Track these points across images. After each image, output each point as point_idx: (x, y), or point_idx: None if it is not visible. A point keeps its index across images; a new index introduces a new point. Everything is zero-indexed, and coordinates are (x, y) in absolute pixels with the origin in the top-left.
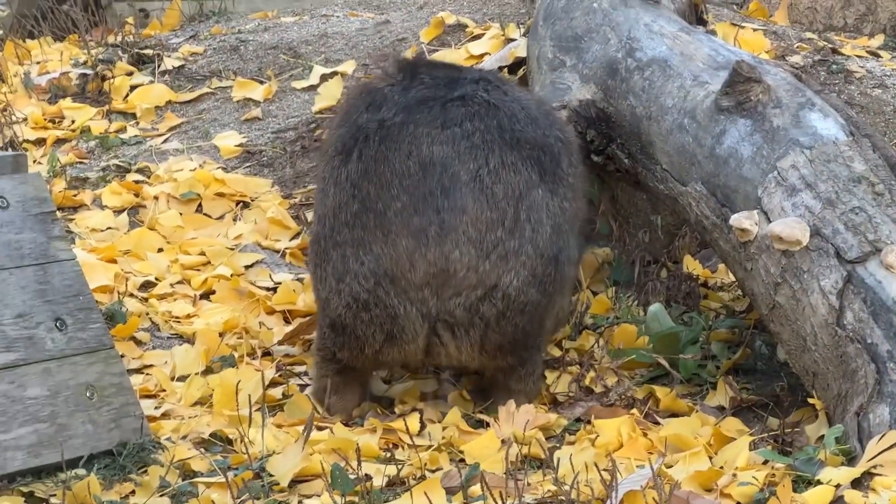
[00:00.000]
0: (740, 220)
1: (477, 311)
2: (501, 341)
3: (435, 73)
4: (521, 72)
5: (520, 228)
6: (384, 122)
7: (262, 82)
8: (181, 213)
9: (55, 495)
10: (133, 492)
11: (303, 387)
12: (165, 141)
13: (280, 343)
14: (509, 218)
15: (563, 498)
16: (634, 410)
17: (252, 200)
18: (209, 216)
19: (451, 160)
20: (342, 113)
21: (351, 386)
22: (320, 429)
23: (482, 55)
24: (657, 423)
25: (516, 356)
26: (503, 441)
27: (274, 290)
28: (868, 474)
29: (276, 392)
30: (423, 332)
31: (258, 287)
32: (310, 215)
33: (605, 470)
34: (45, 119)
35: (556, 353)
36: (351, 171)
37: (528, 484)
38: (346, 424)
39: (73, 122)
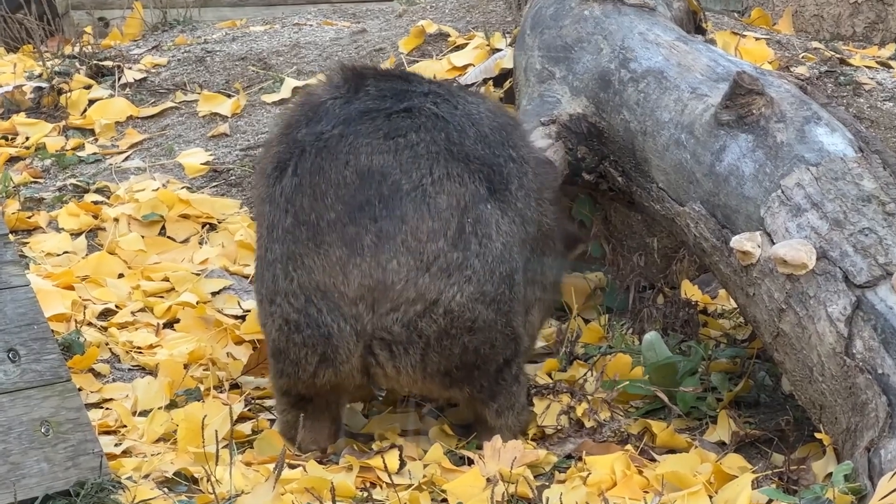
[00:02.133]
0: (742, 242)
1: (415, 327)
2: (447, 364)
3: (382, 84)
4: (507, 84)
5: (464, 241)
6: (322, 135)
7: (229, 96)
8: (143, 236)
9: None
10: None
11: (273, 421)
12: (126, 159)
13: (246, 373)
14: (453, 229)
15: None
16: (629, 446)
17: (219, 222)
18: (173, 239)
19: (391, 169)
20: (282, 127)
21: (321, 420)
22: (292, 466)
23: (465, 66)
24: (653, 460)
25: (477, 387)
26: (488, 479)
27: (242, 318)
28: None
29: (245, 427)
30: (358, 350)
31: (225, 315)
32: None
33: None
34: None
35: (547, 379)
36: (285, 186)
37: None
38: (320, 462)
39: (27, 138)
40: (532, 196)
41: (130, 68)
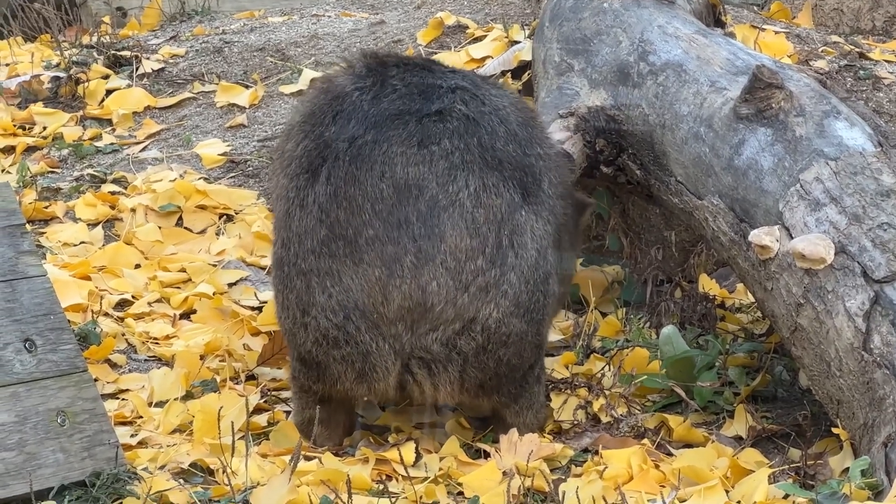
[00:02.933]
0: (760, 236)
1: (454, 345)
2: (482, 377)
3: (408, 77)
4: (525, 76)
5: (502, 256)
6: (355, 140)
7: (247, 87)
8: (160, 227)
9: None
10: None
11: (289, 413)
12: (144, 149)
13: (262, 364)
14: (490, 245)
15: None
16: (646, 440)
17: (236, 213)
18: (190, 230)
19: (427, 182)
20: (305, 118)
21: (337, 416)
22: (308, 459)
23: (484, 58)
24: (670, 454)
25: (504, 393)
26: (505, 473)
27: (259, 309)
28: None
29: (261, 419)
30: (396, 369)
31: (242, 306)
32: None
33: None
34: (15, 125)
35: (564, 373)
36: (318, 193)
37: None
38: (336, 454)
39: (44, 128)
40: (559, 189)
41: (148, 58)
